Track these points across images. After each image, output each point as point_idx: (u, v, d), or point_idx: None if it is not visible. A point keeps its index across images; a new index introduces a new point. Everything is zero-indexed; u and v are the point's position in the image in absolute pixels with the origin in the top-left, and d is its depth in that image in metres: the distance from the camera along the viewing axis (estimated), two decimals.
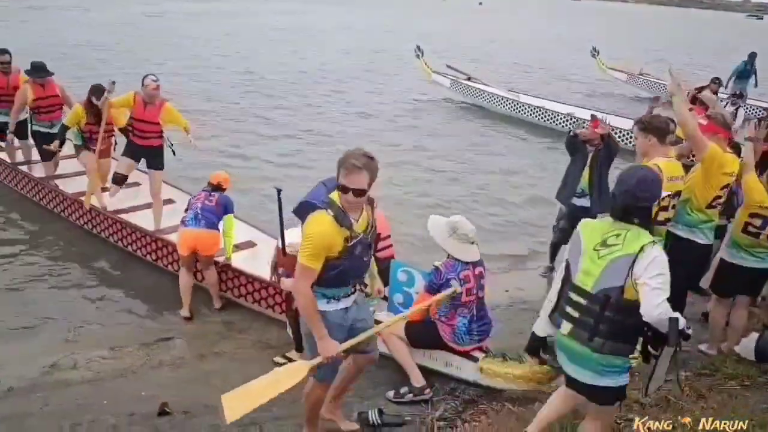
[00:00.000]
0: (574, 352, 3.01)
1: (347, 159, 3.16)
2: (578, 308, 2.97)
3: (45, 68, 7.53)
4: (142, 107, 6.56)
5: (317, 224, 3.19)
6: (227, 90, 14.95)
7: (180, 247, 5.62)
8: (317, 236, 3.17)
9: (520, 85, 17.12)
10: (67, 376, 4.72)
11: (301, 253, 3.19)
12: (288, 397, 4.41)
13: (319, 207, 3.25)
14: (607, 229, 3.00)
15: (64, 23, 21.50)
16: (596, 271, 2.92)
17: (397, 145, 11.75)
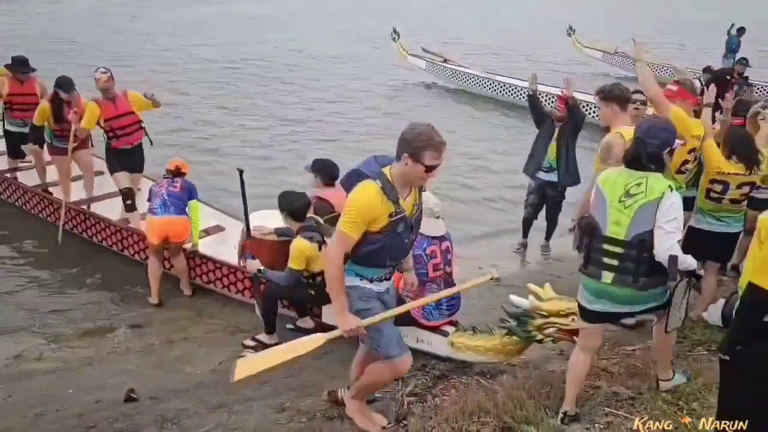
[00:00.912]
0: (619, 296, 3.21)
1: (431, 137, 3.05)
2: (616, 257, 3.16)
3: (27, 63, 7.09)
4: (110, 106, 6.19)
5: (364, 192, 3.09)
6: (196, 78, 14.71)
7: (151, 235, 5.53)
8: (361, 204, 3.08)
9: (496, 65, 17.08)
10: (32, 367, 4.65)
11: (342, 219, 3.10)
12: (257, 378, 4.43)
13: (368, 177, 3.14)
14: (627, 179, 3.18)
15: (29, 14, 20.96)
16: (626, 221, 3.12)
17: (370, 126, 11.68)
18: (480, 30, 25.09)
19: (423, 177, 3.13)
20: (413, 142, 3.04)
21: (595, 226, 3.23)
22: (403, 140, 3.09)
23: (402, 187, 3.17)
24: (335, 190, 5.18)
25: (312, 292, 4.71)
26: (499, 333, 4.16)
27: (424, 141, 3.04)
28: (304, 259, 4.52)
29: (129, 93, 6.34)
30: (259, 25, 22.90)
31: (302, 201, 4.67)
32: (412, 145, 3.04)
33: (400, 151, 3.11)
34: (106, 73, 6.12)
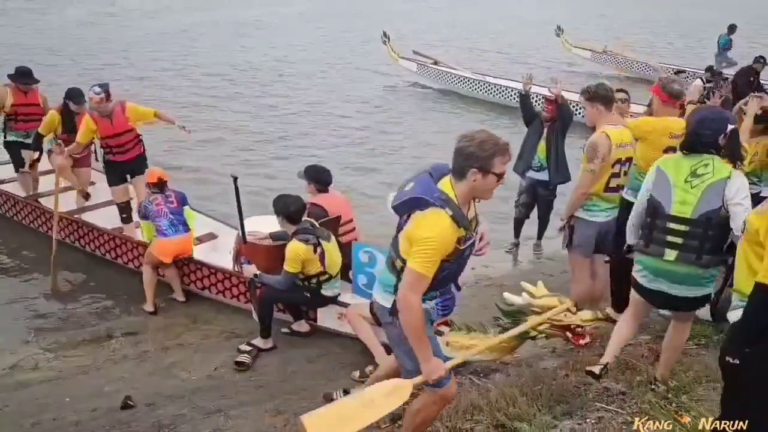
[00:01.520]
0: (679, 274, 3.31)
1: (495, 141, 2.76)
2: (681, 234, 3.27)
3: (31, 74, 7.02)
4: (107, 124, 6.06)
5: (439, 227, 2.71)
6: (180, 85, 14.72)
7: (165, 256, 5.50)
8: (439, 240, 2.70)
9: (486, 66, 17.17)
10: (28, 377, 4.65)
11: (417, 258, 2.70)
12: (253, 382, 4.48)
13: (432, 203, 2.75)
14: (693, 161, 3.32)
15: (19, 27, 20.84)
16: (693, 200, 3.25)
17: (362, 130, 11.73)
18: (468, 32, 25.19)
19: (494, 187, 2.83)
20: (479, 153, 2.73)
21: (657, 206, 3.33)
22: (465, 155, 2.75)
23: (464, 205, 2.84)
24: (329, 196, 5.24)
25: (308, 294, 4.74)
26: (493, 331, 4.20)
27: (490, 149, 2.74)
28: (300, 262, 4.56)
29: (127, 106, 6.18)
30: (246, 32, 22.91)
31: (298, 204, 4.70)
32: (479, 158, 2.72)
33: (463, 168, 2.76)
34: (100, 93, 5.92)
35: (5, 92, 6.92)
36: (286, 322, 5.14)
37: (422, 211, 2.75)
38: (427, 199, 2.75)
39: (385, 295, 2.99)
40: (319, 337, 5.06)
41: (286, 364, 4.72)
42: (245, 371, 4.60)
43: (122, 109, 6.12)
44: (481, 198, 2.89)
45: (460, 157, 2.78)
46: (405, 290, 2.75)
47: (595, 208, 4.38)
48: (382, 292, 3.02)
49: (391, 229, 3.03)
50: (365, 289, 4.89)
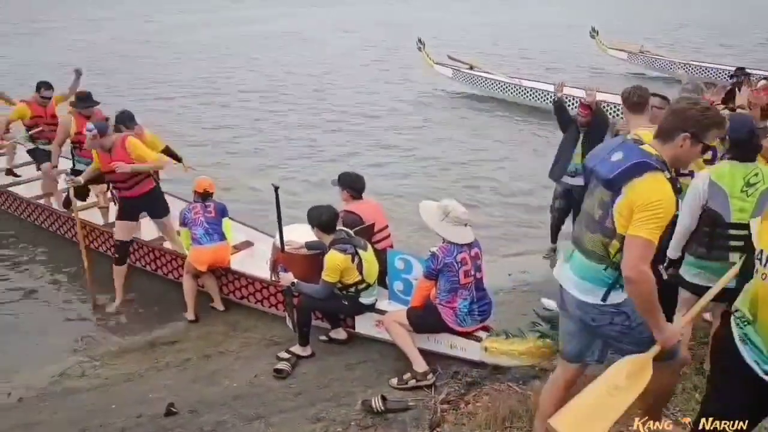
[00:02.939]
0: None
1: (716, 112, 2.69)
2: (743, 238, 3.48)
3: (91, 98, 6.89)
4: (106, 158, 5.76)
5: (662, 188, 2.59)
6: (221, 93, 15.01)
7: (200, 264, 5.60)
8: (667, 202, 2.58)
9: (522, 70, 17.06)
10: (76, 384, 4.80)
11: (645, 225, 2.55)
12: (293, 389, 4.52)
13: (653, 166, 2.62)
14: (744, 171, 3.60)
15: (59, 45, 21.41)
16: (750, 207, 3.54)
17: (399, 137, 11.77)
18: (500, 36, 25.06)
19: (696, 158, 2.76)
20: (699, 118, 2.61)
21: (717, 216, 3.57)
22: (684, 118, 2.63)
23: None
24: (363, 203, 5.28)
25: (345, 303, 4.78)
26: (532, 336, 4.18)
27: (711, 118, 2.63)
28: (339, 271, 4.60)
29: (128, 142, 5.74)
30: (278, 43, 23.23)
31: (329, 213, 4.74)
32: (699, 123, 2.60)
33: (673, 130, 2.64)
34: (92, 131, 5.66)
35: (69, 120, 6.87)
36: (324, 330, 5.18)
37: (639, 177, 2.60)
38: (648, 162, 2.62)
39: (593, 289, 2.80)
40: (356, 345, 5.08)
41: (324, 371, 4.75)
42: (284, 378, 4.65)
43: (123, 144, 5.75)
44: (676, 166, 2.74)
45: (676, 118, 2.65)
46: (635, 262, 2.56)
47: None
48: (587, 287, 2.82)
49: (427, 236, 3.04)
50: (401, 295, 4.91)
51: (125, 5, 33.17)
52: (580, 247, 2.86)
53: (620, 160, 2.67)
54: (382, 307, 4.93)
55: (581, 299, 2.84)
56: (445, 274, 4.26)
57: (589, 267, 2.80)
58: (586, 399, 2.71)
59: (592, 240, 2.77)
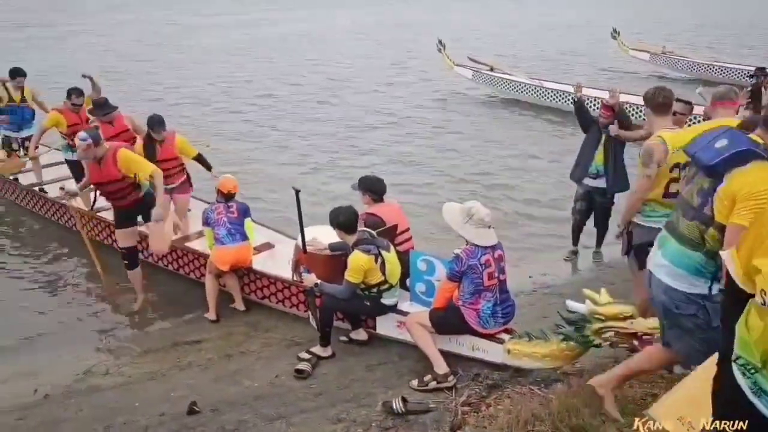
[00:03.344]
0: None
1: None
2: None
3: (108, 104, 6.97)
4: (95, 169, 5.61)
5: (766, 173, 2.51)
6: (241, 98, 15.11)
7: (222, 264, 5.64)
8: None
9: (542, 71, 16.97)
10: (100, 382, 4.85)
11: (751, 214, 2.46)
12: (313, 390, 4.53)
13: (760, 155, 2.55)
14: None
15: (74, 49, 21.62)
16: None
17: (419, 139, 11.77)
18: (521, 37, 24.94)
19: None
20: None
21: None
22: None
23: None
24: (384, 205, 5.28)
25: (368, 303, 4.79)
26: (555, 339, 4.15)
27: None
28: (362, 272, 4.61)
29: (119, 156, 5.52)
30: (295, 46, 23.35)
31: (347, 213, 4.75)
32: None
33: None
34: (86, 140, 5.41)
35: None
36: (345, 331, 5.19)
37: (744, 166, 2.55)
38: (755, 151, 2.55)
39: (684, 276, 2.78)
40: (377, 345, 5.08)
41: (345, 372, 4.76)
42: (305, 379, 4.66)
43: (114, 155, 5.52)
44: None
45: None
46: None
47: (654, 213, 4.24)
48: (678, 273, 2.81)
49: (450, 237, 3.02)
50: (423, 296, 4.90)
51: (148, 8, 33.57)
52: (674, 233, 2.86)
53: (724, 147, 2.61)
54: (404, 309, 4.93)
55: (670, 285, 2.85)
56: (468, 276, 4.25)
57: (683, 254, 2.80)
58: (688, 387, 2.64)
59: (689, 227, 2.78)
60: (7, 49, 18.45)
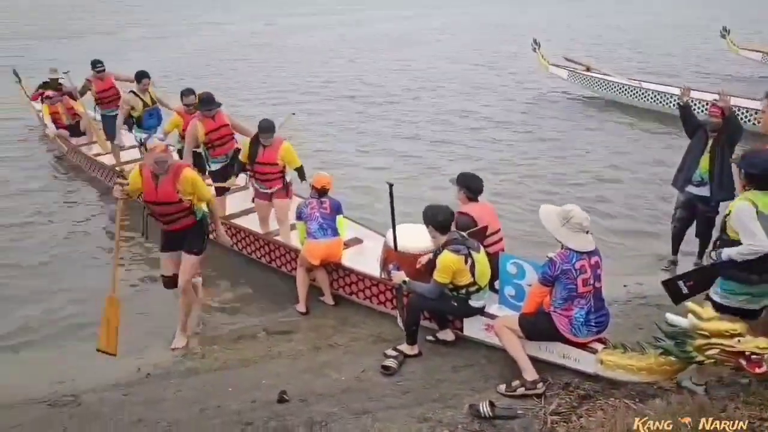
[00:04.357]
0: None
1: None
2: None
3: (213, 100, 6.97)
4: (151, 187, 5.01)
5: None
6: (331, 97, 15.37)
7: (313, 258, 5.77)
8: None
9: (642, 72, 16.27)
10: (197, 365, 5.09)
11: None
12: (399, 387, 4.55)
13: None
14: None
15: (174, 49, 22.56)
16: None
17: (513, 140, 11.58)
18: (621, 37, 23.99)
19: None
20: None
21: None
22: None
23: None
24: (477, 205, 5.23)
25: (455, 304, 4.75)
26: (653, 352, 3.97)
27: None
28: (451, 272, 4.58)
29: (183, 174, 5.02)
30: (388, 45, 23.49)
31: (446, 213, 4.73)
32: None
33: None
34: (164, 140, 5.22)
35: (195, 124, 6.99)
36: (431, 330, 5.18)
37: None
38: None
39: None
40: (463, 347, 5.05)
41: (431, 371, 4.75)
42: (391, 375, 4.70)
43: (175, 175, 5.01)
44: None
45: None
46: None
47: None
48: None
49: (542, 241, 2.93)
50: (512, 300, 4.82)
51: (249, 8, 34.84)
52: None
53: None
54: (492, 312, 4.86)
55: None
56: (562, 281, 4.13)
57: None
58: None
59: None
60: (113, 49, 19.60)
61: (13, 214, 8.32)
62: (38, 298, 6.26)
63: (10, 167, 10.14)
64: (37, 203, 8.69)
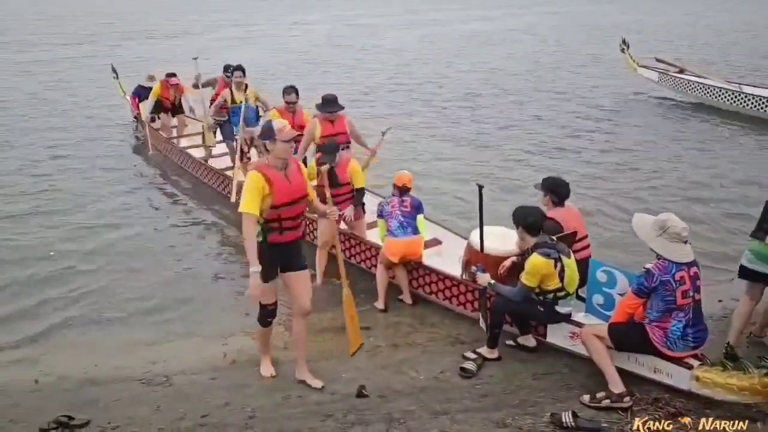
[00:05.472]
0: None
1: None
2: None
3: (336, 101, 6.70)
4: (283, 183, 4.18)
5: None
6: (413, 98, 15.39)
7: (392, 256, 5.80)
8: None
9: (740, 75, 15.38)
10: (280, 354, 5.18)
11: None
12: (478, 390, 4.50)
13: None
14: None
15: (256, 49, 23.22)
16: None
17: (599, 146, 11.23)
18: (715, 40, 22.75)
19: None
20: None
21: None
22: None
23: None
24: (564, 211, 5.10)
25: (541, 309, 4.66)
26: (757, 372, 3.75)
27: None
28: (539, 276, 4.49)
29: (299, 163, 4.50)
30: (472, 44, 23.27)
31: (536, 215, 4.65)
32: None
33: None
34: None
35: (314, 124, 6.75)
36: (512, 335, 5.09)
37: None
38: None
39: None
40: (545, 354, 4.93)
41: (511, 376, 4.67)
42: (470, 378, 4.65)
43: (298, 164, 4.41)
44: None
45: None
46: None
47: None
48: None
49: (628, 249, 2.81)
50: (600, 309, 4.66)
51: (334, 8, 35.47)
52: None
53: None
54: (578, 319, 4.72)
55: None
56: (659, 293, 3.96)
57: None
58: None
59: None
60: (199, 49, 20.40)
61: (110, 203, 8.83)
62: (136, 284, 6.59)
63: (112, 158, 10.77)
64: (127, 194, 9.17)
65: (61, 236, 7.73)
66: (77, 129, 12.61)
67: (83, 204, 8.74)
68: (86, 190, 9.31)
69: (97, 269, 6.87)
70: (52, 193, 9.19)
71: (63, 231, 7.88)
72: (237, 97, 8.60)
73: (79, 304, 6.18)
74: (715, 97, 13.39)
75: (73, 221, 8.18)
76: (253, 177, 4.09)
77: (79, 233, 7.82)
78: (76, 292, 6.39)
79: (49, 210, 8.53)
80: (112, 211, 8.52)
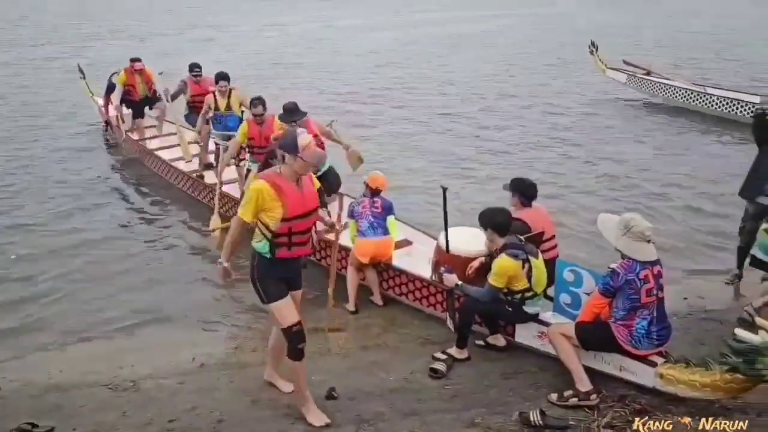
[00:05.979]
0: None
1: None
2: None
3: (297, 109, 6.55)
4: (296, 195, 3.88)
5: None
6: (395, 100, 15.41)
7: (362, 256, 5.81)
8: None
9: (717, 78, 15.74)
10: (248, 359, 5.16)
11: None
12: (448, 390, 4.53)
13: None
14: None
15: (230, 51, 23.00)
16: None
17: (567, 146, 11.36)
18: (693, 41, 23.23)
19: None
20: None
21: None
22: None
23: None
24: (532, 211, 5.15)
25: (509, 309, 4.69)
26: (719, 368, 3.82)
27: None
28: (507, 277, 4.53)
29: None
30: (451, 46, 23.41)
31: (504, 215, 4.69)
32: None
33: None
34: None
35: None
36: (482, 335, 5.13)
37: None
38: None
39: None
40: (514, 354, 4.98)
41: (480, 376, 4.71)
42: (440, 379, 4.67)
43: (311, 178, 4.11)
44: None
45: None
46: None
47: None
48: None
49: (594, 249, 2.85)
50: (568, 308, 4.71)
51: (310, 11, 35.33)
52: None
53: None
54: (546, 319, 4.77)
55: None
56: (625, 292, 4.03)
57: None
58: None
59: None
60: (175, 50, 20.12)
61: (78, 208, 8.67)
62: (102, 288, 6.47)
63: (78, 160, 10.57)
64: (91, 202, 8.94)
65: (24, 240, 7.56)
66: (42, 131, 12.30)
67: (49, 208, 8.55)
68: (53, 193, 9.10)
69: (62, 273, 6.73)
70: (15, 195, 8.98)
71: (26, 234, 7.71)
72: (220, 103, 8.47)
73: (44, 308, 6.04)
74: (681, 98, 13.67)
75: (38, 225, 8.00)
76: (259, 187, 3.79)
77: (43, 236, 7.66)
78: (40, 296, 6.26)
79: (13, 214, 8.34)
80: (78, 216, 8.32)
